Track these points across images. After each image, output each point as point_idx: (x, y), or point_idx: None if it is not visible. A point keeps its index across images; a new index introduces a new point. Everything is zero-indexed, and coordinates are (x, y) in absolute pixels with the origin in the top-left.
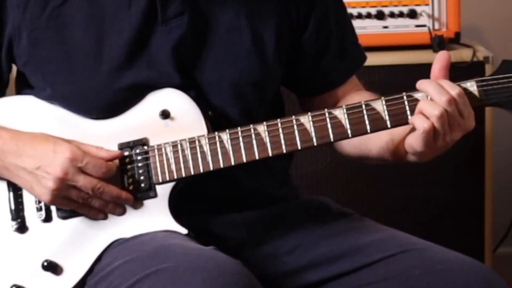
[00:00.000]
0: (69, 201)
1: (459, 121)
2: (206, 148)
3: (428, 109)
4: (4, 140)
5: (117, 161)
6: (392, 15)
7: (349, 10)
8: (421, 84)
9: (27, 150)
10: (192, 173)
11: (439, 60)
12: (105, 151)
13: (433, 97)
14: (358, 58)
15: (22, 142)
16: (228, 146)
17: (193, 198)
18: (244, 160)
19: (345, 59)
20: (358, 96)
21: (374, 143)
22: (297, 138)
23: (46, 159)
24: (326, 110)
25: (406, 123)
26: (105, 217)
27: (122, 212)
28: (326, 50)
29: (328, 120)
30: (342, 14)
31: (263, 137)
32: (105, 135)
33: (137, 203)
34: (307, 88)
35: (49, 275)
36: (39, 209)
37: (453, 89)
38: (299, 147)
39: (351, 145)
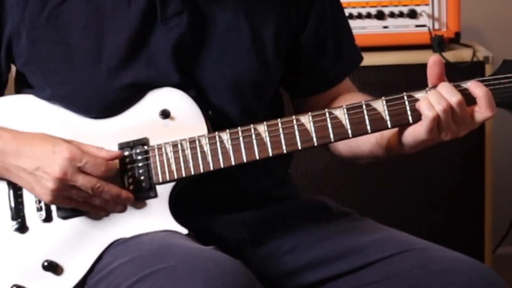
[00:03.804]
0: (70, 200)
1: (464, 119)
2: (206, 148)
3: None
4: (5, 140)
5: (117, 160)
6: (392, 15)
7: (349, 10)
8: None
9: (26, 151)
10: (192, 173)
11: (431, 67)
12: (106, 151)
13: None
14: (354, 59)
15: (22, 142)
16: (229, 146)
17: (193, 198)
18: (245, 160)
19: (341, 59)
20: (351, 97)
21: (364, 138)
22: (298, 138)
23: (45, 159)
24: (326, 110)
25: (407, 123)
26: (107, 214)
27: (123, 209)
28: (323, 50)
29: (328, 120)
30: (339, 15)
31: (263, 137)
32: (105, 135)
33: (137, 203)
34: (302, 88)
35: (49, 275)
36: (39, 209)
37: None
38: (300, 147)
39: (342, 142)
